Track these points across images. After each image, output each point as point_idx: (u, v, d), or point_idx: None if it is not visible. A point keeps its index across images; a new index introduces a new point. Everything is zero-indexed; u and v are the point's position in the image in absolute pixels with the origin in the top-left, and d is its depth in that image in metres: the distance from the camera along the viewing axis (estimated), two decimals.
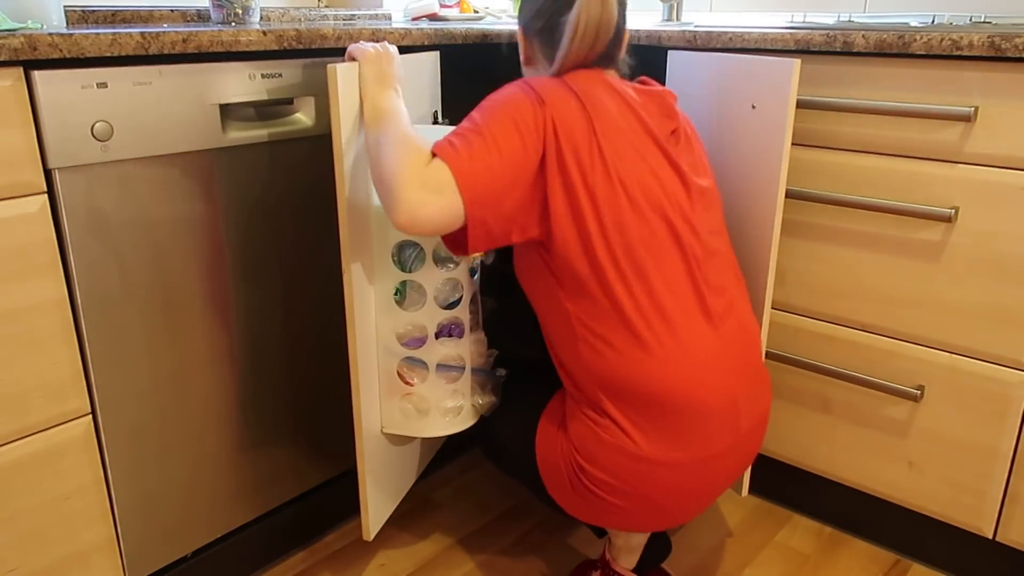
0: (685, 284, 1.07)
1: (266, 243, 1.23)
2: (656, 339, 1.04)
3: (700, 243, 1.09)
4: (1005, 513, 1.28)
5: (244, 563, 1.35)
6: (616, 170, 1.03)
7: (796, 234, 1.39)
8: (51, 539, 1.07)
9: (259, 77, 1.16)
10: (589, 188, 1.02)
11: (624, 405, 1.06)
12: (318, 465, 1.41)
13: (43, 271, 0.99)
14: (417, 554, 1.44)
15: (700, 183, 1.11)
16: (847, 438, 1.42)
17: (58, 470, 1.05)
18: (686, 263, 1.07)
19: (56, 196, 0.99)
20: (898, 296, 1.30)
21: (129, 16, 1.44)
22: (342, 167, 1.09)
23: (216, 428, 1.23)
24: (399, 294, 1.24)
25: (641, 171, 1.05)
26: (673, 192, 1.07)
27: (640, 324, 1.04)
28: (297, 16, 1.67)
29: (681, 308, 1.06)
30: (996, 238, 1.19)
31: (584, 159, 1.02)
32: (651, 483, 1.06)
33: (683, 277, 1.07)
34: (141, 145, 1.05)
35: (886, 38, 1.20)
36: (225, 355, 1.22)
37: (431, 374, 1.25)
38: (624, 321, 1.04)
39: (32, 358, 1.00)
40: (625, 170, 1.04)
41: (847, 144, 1.30)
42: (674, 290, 1.06)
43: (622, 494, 1.07)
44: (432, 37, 1.37)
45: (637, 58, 1.52)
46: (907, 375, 1.32)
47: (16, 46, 0.90)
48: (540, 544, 1.47)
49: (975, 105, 1.17)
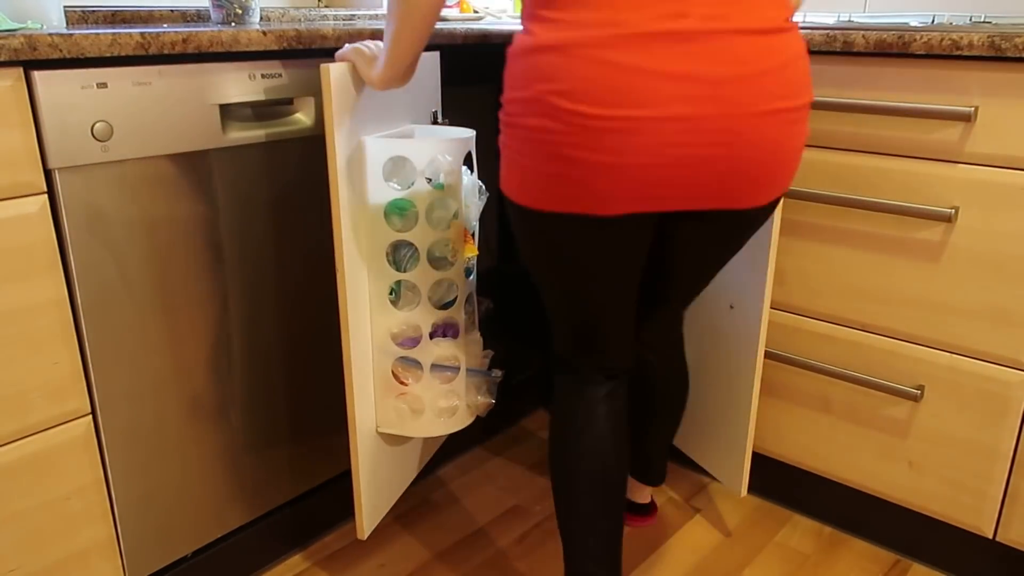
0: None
1: (265, 243, 1.23)
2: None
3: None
4: (1005, 513, 1.28)
5: (243, 563, 1.35)
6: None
7: (796, 234, 1.39)
8: (51, 539, 1.07)
9: (259, 77, 1.16)
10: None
11: (540, 10, 0.90)
12: (317, 465, 1.42)
13: (43, 271, 0.99)
14: (417, 554, 1.44)
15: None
16: (847, 438, 1.41)
17: (58, 470, 1.05)
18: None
19: (56, 196, 0.99)
20: (898, 296, 1.30)
21: (129, 16, 1.44)
22: (335, 166, 1.09)
23: (216, 428, 1.23)
24: (394, 294, 1.24)
25: None
26: None
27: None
28: (297, 16, 1.67)
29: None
30: (996, 238, 1.19)
31: None
32: (552, 73, 0.86)
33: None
34: (141, 145, 1.05)
35: (886, 38, 1.20)
36: (224, 355, 1.22)
37: (425, 374, 1.25)
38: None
39: (32, 358, 1.00)
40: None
41: (847, 144, 1.30)
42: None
43: (530, 106, 0.89)
44: (432, 37, 1.37)
45: None
46: (907, 375, 1.32)
47: (16, 46, 0.90)
48: (540, 544, 1.47)
49: (975, 105, 1.17)
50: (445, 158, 1.17)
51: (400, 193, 1.18)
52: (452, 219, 1.20)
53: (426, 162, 1.16)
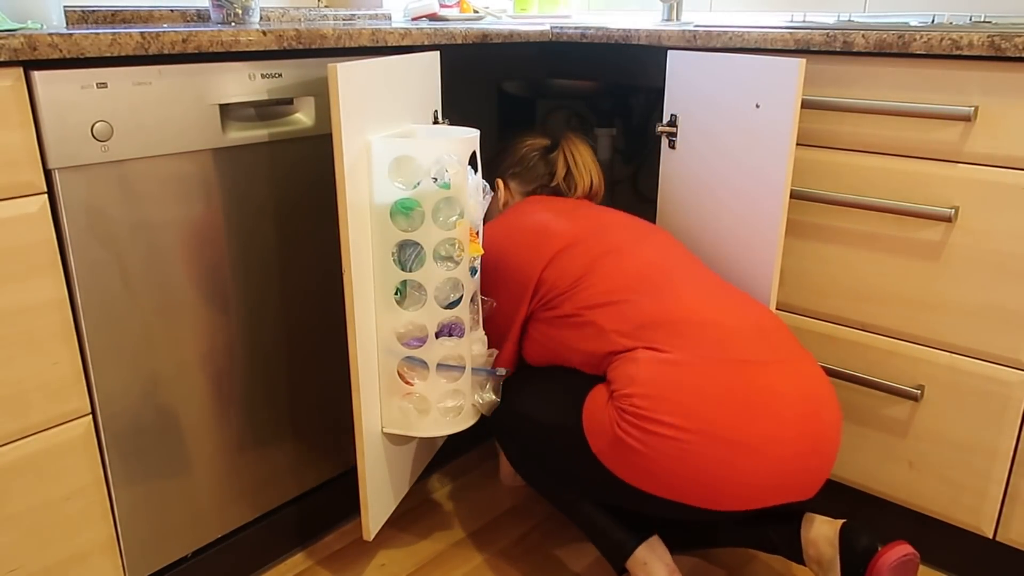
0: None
1: (266, 243, 1.23)
2: (661, 288, 1.21)
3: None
4: (1005, 513, 1.28)
5: (244, 563, 1.35)
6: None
7: (796, 234, 1.39)
8: (51, 540, 1.07)
9: (259, 77, 1.16)
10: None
11: (651, 334, 1.15)
12: (318, 465, 1.41)
13: (43, 271, 0.99)
14: (417, 554, 1.44)
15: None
16: (847, 438, 1.41)
17: (58, 470, 1.05)
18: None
19: (56, 196, 0.98)
20: (898, 296, 1.30)
21: (129, 16, 1.43)
22: (342, 167, 1.09)
23: (216, 428, 1.23)
24: (399, 293, 1.23)
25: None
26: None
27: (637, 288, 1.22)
28: (297, 16, 1.67)
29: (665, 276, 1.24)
30: (996, 238, 1.19)
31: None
32: (690, 388, 1.08)
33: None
34: (141, 145, 1.05)
35: (886, 38, 1.20)
36: (225, 355, 1.22)
37: (431, 373, 1.25)
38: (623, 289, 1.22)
39: (32, 358, 1.00)
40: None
41: (847, 144, 1.30)
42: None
43: (666, 405, 1.07)
44: (432, 37, 1.37)
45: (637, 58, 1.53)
46: (907, 375, 1.32)
47: (16, 46, 0.90)
48: (540, 544, 1.47)
49: (975, 105, 1.17)
50: (451, 157, 1.17)
51: (406, 193, 1.18)
52: (458, 218, 1.20)
53: (432, 162, 1.16)
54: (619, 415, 1.11)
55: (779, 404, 1.09)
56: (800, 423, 1.09)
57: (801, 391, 1.11)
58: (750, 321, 1.17)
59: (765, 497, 1.10)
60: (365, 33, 1.25)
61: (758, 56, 1.26)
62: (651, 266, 1.24)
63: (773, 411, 1.08)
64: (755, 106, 1.28)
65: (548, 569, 1.41)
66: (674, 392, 1.08)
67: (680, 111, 1.42)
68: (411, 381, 1.27)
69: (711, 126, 1.37)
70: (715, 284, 1.25)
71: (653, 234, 1.34)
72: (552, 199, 1.42)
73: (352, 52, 1.28)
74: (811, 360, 1.18)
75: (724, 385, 1.08)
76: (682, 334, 1.13)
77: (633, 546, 1.19)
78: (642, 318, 1.16)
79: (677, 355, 1.11)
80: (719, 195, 1.39)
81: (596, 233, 1.30)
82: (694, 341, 1.12)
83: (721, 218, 1.40)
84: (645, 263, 1.25)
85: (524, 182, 1.48)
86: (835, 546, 1.15)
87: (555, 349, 1.26)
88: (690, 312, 1.16)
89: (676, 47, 1.43)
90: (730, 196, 1.36)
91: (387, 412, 1.28)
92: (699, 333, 1.13)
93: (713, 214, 1.41)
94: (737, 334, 1.14)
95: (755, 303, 1.24)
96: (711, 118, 1.37)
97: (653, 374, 1.10)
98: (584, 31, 1.54)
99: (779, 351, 1.14)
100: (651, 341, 1.14)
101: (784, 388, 1.10)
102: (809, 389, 1.12)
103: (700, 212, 1.43)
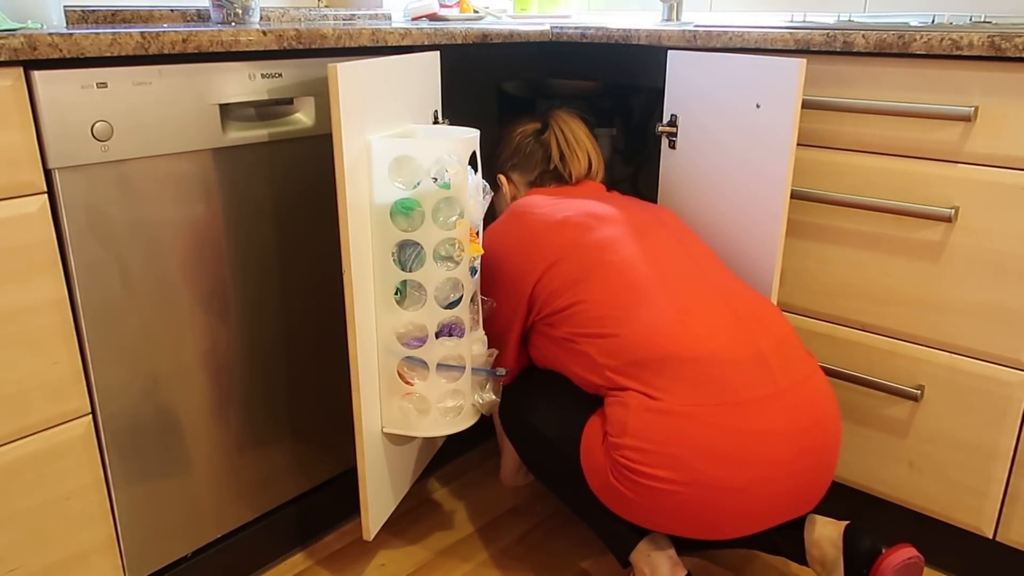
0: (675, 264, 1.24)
1: (266, 243, 1.23)
2: (648, 303, 1.15)
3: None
4: (1005, 513, 1.28)
5: (244, 563, 1.35)
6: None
7: (796, 234, 1.39)
8: (51, 539, 1.07)
9: (259, 77, 1.16)
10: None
11: (640, 373, 1.11)
12: (318, 465, 1.41)
13: (43, 271, 0.99)
14: (417, 554, 1.44)
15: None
16: (847, 438, 1.41)
17: (58, 470, 1.05)
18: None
19: (56, 196, 0.98)
20: (898, 296, 1.30)
21: (129, 16, 1.43)
22: (342, 167, 1.09)
23: (216, 428, 1.23)
24: (399, 293, 1.23)
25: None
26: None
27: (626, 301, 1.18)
28: (297, 16, 1.67)
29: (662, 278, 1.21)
30: (996, 238, 1.19)
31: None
32: (680, 440, 1.06)
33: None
34: (141, 145, 1.05)
35: (886, 38, 1.20)
36: (225, 355, 1.22)
37: (431, 373, 1.25)
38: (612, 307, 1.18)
39: (32, 358, 1.00)
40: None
41: (847, 144, 1.30)
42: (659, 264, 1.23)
43: (656, 459, 1.07)
44: (432, 37, 1.37)
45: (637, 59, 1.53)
46: (907, 375, 1.32)
47: (16, 46, 0.90)
48: (540, 544, 1.47)
49: (975, 105, 1.17)
50: (451, 157, 1.17)
51: (406, 193, 1.18)
52: (458, 218, 1.20)
53: (432, 162, 1.16)
54: (612, 464, 1.11)
55: (774, 446, 1.08)
56: (796, 459, 1.09)
57: (799, 424, 1.10)
58: (750, 349, 1.12)
59: (761, 524, 1.12)
60: (365, 33, 1.25)
61: (758, 56, 1.26)
62: (644, 278, 1.20)
63: (767, 455, 1.07)
64: (755, 106, 1.28)
65: (550, 567, 1.41)
66: (664, 446, 1.07)
67: (680, 111, 1.42)
68: (411, 381, 1.27)
69: (711, 126, 1.37)
70: (715, 291, 1.20)
71: (651, 228, 1.29)
72: (550, 193, 1.41)
73: (352, 52, 1.28)
74: (812, 371, 1.16)
75: (716, 435, 1.06)
76: (674, 375, 1.10)
77: (637, 538, 1.20)
78: (632, 355, 1.13)
79: (668, 402, 1.08)
80: (719, 195, 1.39)
81: (588, 241, 1.26)
82: (687, 383, 1.09)
83: (721, 218, 1.40)
84: (636, 277, 1.20)
85: (525, 171, 1.47)
86: (838, 547, 1.15)
87: (557, 363, 1.26)
88: (681, 347, 1.11)
89: (676, 47, 1.43)
90: (730, 196, 1.36)
91: (387, 412, 1.28)
92: (692, 373, 1.10)
93: (713, 214, 1.41)
94: (733, 368, 1.10)
95: (756, 309, 1.20)
96: (711, 118, 1.37)
97: (643, 425, 1.08)
98: (584, 31, 1.54)
99: (778, 380, 1.11)
100: (642, 382, 1.11)
101: (781, 426, 1.08)
102: (808, 419, 1.11)
103: (700, 212, 1.43)
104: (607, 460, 1.12)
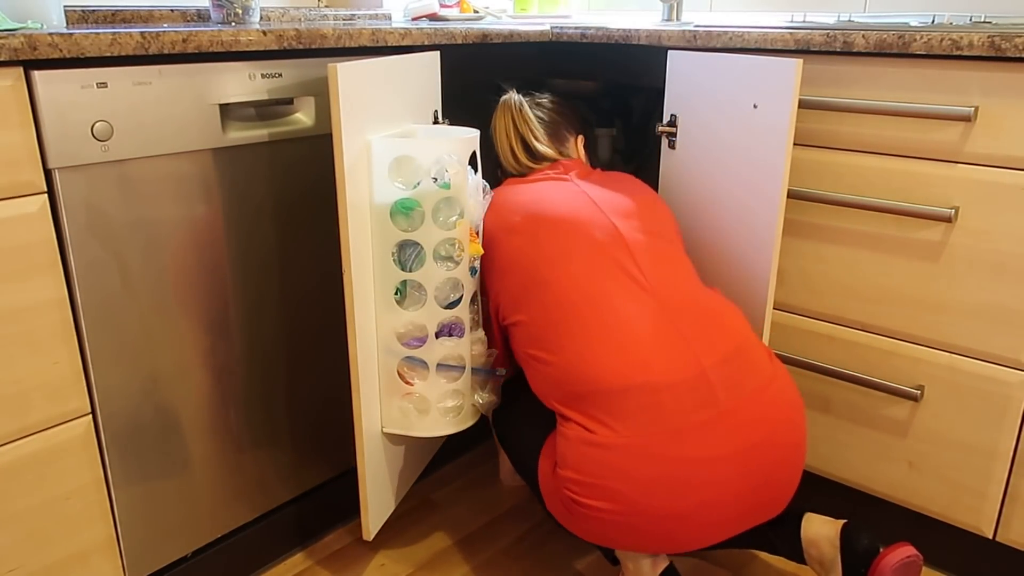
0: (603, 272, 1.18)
1: (266, 243, 1.23)
2: (580, 332, 1.13)
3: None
4: (1005, 513, 1.28)
5: (244, 563, 1.35)
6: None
7: (796, 234, 1.39)
8: (51, 539, 1.07)
9: (259, 77, 1.16)
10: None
11: (578, 405, 1.10)
12: (318, 465, 1.41)
13: (43, 271, 0.99)
14: (417, 554, 1.44)
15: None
16: (847, 438, 1.42)
17: (58, 470, 1.05)
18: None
19: (56, 196, 0.99)
20: (898, 296, 1.30)
21: (129, 16, 1.43)
22: (342, 167, 1.09)
23: (216, 428, 1.23)
24: (399, 293, 1.24)
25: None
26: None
27: (559, 328, 1.15)
28: (297, 16, 1.67)
29: (601, 295, 1.16)
30: (996, 238, 1.19)
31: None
32: (616, 473, 1.04)
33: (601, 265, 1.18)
34: (141, 145, 1.05)
35: (886, 38, 1.20)
36: (225, 354, 1.22)
37: (431, 373, 1.25)
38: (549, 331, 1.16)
39: (32, 358, 1.00)
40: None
41: (847, 144, 1.30)
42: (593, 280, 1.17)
43: (595, 491, 1.06)
44: (432, 37, 1.37)
45: (638, 59, 1.53)
46: (907, 375, 1.32)
47: (16, 46, 0.90)
48: (540, 544, 1.47)
49: (975, 105, 1.17)
50: (451, 157, 1.17)
51: (406, 193, 1.18)
52: (458, 218, 1.20)
53: (432, 161, 1.16)
54: (560, 493, 1.11)
55: (716, 470, 1.05)
56: (743, 478, 1.06)
57: (746, 442, 1.06)
58: (690, 370, 1.08)
59: (721, 536, 1.10)
60: (365, 33, 1.25)
61: (756, 56, 1.26)
62: (581, 302, 1.15)
63: (710, 478, 1.05)
64: (753, 106, 1.28)
65: (549, 567, 1.41)
66: (602, 479, 1.05)
67: (680, 111, 1.42)
68: (411, 381, 1.27)
69: (711, 126, 1.37)
70: (660, 309, 1.14)
71: (607, 233, 1.21)
72: (517, 182, 1.36)
73: (352, 52, 1.28)
74: (767, 381, 1.11)
75: (653, 465, 1.04)
76: (608, 407, 1.07)
77: None
78: (569, 387, 1.11)
79: (601, 434, 1.06)
80: (719, 195, 1.39)
81: (533, 254, 1.22)
82: (621, 414, 1.06)
83: (720, 218, 1.40)
84: (574, 301, 1.15)
85: (504, 166, 1.45)
86: (836, 546, 1.15)
87: (525, 373, 1.25)
88: (615, 376, 1.08)
89: (676, 47, 1.43)
90: (729, 196, 1.36)
91: (387, 412, 1.28)
92: (626, 403, 1.06)
93: (712, 214, 1.41)
94: (670, 393, 1.06)
95: (706, 324, 1.14)
96: (711, 118, 1.37)
97: (581, 458, 1.07)
98: (584, 31, 1.54)
99: (721, 400, 1.07)
100: (581, 412, 1.09)
101: (723, 449, 1.05)
102: (757, 435, 1.07)
103: (700, 212, 1.43)
104: (557, 488, 1.12)
